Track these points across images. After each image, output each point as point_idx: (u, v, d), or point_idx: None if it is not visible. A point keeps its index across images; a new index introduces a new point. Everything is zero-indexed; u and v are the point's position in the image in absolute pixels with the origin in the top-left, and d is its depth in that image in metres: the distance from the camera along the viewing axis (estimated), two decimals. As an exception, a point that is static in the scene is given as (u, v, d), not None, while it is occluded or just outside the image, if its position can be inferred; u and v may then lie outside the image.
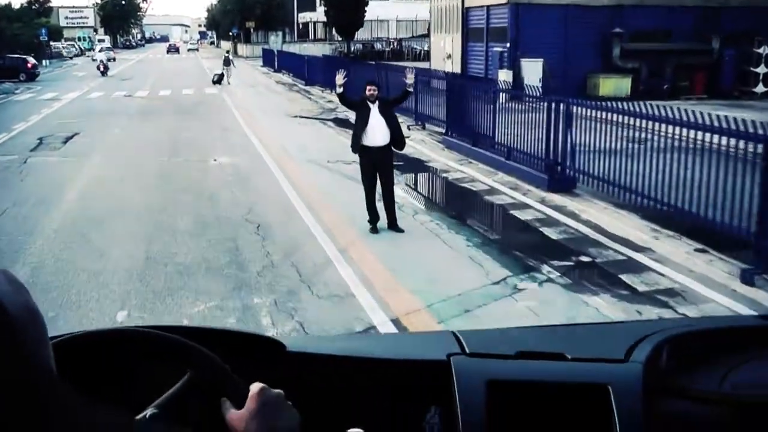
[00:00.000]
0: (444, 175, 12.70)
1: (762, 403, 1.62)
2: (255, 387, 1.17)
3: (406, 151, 15.19)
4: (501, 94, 13.28)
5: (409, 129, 17.52)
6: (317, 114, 22.18)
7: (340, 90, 9.00)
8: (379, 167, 8.84)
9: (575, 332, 2.18)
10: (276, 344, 1.65)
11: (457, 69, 27.93)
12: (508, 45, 24.69)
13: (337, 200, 10.65)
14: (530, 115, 12.00)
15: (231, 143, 16.42)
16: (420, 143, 15.87)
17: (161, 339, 1.26)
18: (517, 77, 23.44)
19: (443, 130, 16.15)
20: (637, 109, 9.87)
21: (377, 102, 8.84)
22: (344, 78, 9.18)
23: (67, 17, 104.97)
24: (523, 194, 11.07)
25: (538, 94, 12.07)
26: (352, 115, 22.28)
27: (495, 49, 25.77)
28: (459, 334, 1.78)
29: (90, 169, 13.32)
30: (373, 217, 8.95)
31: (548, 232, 9.09)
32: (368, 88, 8.86)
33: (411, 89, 9.59)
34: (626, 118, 10.18)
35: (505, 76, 22.71)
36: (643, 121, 9.76)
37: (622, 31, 25.00)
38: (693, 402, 1.63)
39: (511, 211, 10.11)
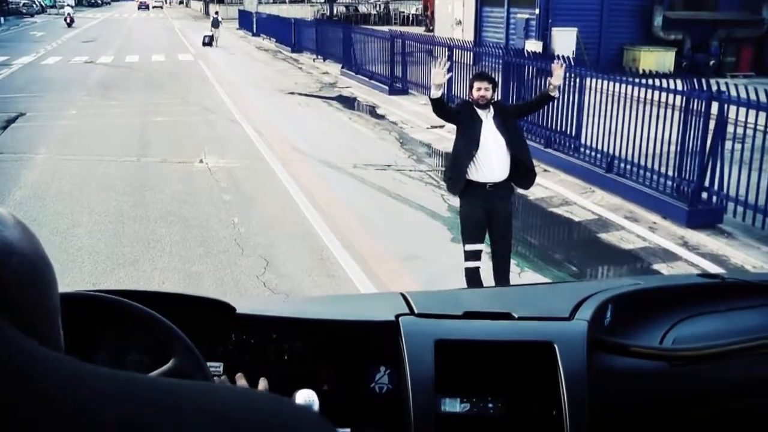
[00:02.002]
0: (522, 191, 9.26)
1: (699, 356, 1.69)
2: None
3: (447, 147, 11.79)
4: (590, 77, 9.79)
5: (440, 115, 14.05)
6: (316, 90, 18.55)
7: (438, 93, 5.44)
8: (492, 216, 5.43)
9: (522, 293, 2.29)
10: (226, 307, 1.67)
11: (469, 37, 24.31)
12: (537, 11, 21.19)
13: (393, 242, 7.21)
14: (623, 104, 8.69)
15: (219, 133, 12.81)
16: (462, 137, 12.41)
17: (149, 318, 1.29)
18: (547, 49, 20.11)
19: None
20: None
21: (491, 108, 5.39)
22: (448, 73, 5.67)
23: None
24: (650, 229, 7.75)
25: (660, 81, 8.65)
26: (359, 92, 18.83)
27: (518, 15, 22.27)
28: (408, 295, 1.81)
29: (30, 174, 9.67)
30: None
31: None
32: (476, 85, 5.37)
33: (556, 93, 6.05)
34: None
35: (533, 46, 19.30)
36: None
37: (664, -4, 21.69)
38: (635, 357, 1.68)
39: (655, 266, 6.79)
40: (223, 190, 8.93)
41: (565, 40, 20.48)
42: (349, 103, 16.68)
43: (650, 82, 8.51)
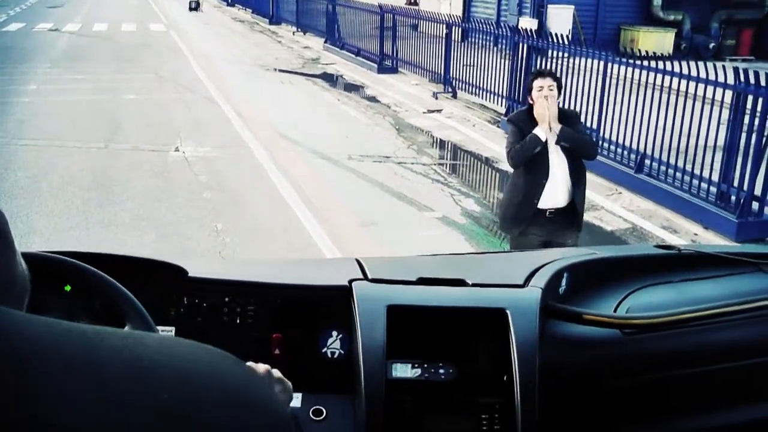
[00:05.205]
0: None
1: (650, 324, 1.73)
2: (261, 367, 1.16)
3: (449, 136, 10.84)
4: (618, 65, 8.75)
5: (436, 98, 13.04)
6: (299, 67, 17.34)
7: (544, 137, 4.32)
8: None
9: (477, 260, 2.30)
10: (178, 270, 1.67)
11: (457, 13, 23.15)
12: (532, -13, 20.12)
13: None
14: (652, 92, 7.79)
15: (195, 115, 11.62)
16: (464, 123, 11.36)
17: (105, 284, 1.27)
18: (542, 27, 19.08)
19: (496, 106, 11.64)
20: None
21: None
22: None
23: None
24: (693, 243, 6.82)
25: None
26: (344, 69, 17.58)
27: (512, -9, 21.17)
28: (362, 260, 1.80)
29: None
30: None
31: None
32: (538, 85, 4.32)
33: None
34: None
35: (527, 24, 18.26)
36: None
37: (665, -25, 20.76)
38: (588, 325, 1.70)
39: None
40: (204, 186, 7.81)
41: (561, 19, 19.52)
42: (335, 81, 15.53)
43: (691, 72, 7.52)
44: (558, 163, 4.27)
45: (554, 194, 4.29)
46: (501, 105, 11.36)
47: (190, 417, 0.59)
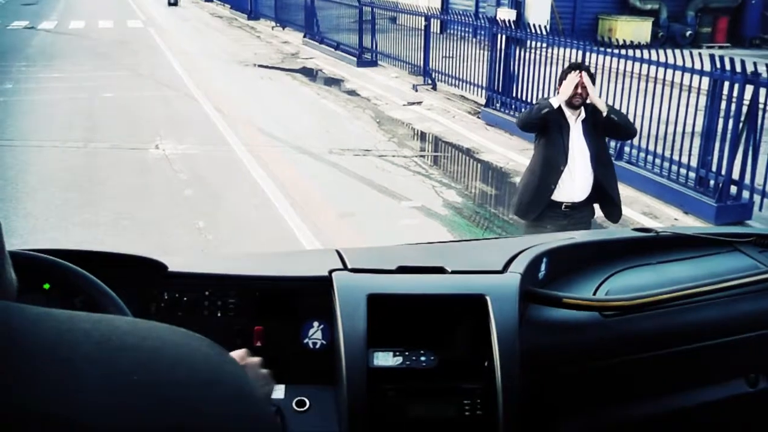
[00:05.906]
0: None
1: (628, 306, 1.75)
2: (238, 353, 1.15)
3: (430, 128, 10.87)
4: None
5: (416, 90, 13.04)
6: (278, 62, 17.26)
7: (556, 104, 4.39)
8: None
9: (456, 248, 2.35)
10: (157, 265, 1.67)
11: (435, 5, 23.17)
12: (510, -23, 20.15)
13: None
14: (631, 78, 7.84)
15: (175, 112, 11.54)
16: (445, 115, 11.37)
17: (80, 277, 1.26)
18: (520, 18, 19.12)
19: (476, 97, 11.66)
20: None
21: (583, 110, 4.38)
22: None
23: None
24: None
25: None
26: (324, 64, 17.62)
27: (490, -19, 21.17)
28: (342, 251, 1.81)
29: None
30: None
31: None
32: (571, 75, 4.33)
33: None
34: None
35: (506, 15, 18.30)
36: None
37: (641, -36, 20.88)
38: (568, 309, 1.72)
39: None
40: (184, 184, 7.77)
41: (539, 9, 19.58)
42: (315, 76, 15.48)
43: (668, 60, 7.58)
44: (579, 151, 4.30)
45: (571, 185, 4.32)
46: (481, 96, 11.38)
47: (161, 397, 0.59)
